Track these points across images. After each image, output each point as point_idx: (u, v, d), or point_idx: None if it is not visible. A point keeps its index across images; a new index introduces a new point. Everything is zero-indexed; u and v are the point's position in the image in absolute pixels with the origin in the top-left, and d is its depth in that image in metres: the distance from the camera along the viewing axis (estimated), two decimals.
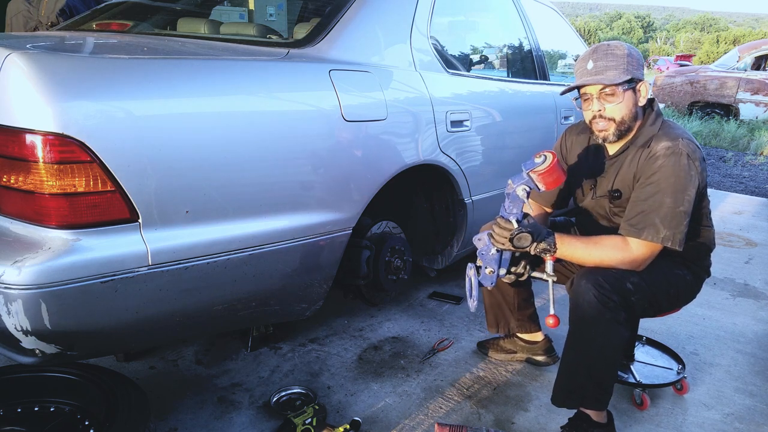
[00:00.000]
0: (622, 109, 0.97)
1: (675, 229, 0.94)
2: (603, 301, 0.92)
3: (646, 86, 0.98)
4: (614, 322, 0.93)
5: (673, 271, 1.04)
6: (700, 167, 0.97)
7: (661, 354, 1.32)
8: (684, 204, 0.94)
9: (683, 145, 0.95)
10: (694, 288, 1.10)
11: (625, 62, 0.95)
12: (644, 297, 0.98)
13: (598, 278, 0.93)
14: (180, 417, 1.09)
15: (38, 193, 0.79)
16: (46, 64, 0.78)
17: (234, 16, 1.99)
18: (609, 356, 0.96)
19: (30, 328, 0.77)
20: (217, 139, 0.91)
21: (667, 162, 0.94)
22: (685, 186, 0.94)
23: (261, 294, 1.05)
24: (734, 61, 6.33)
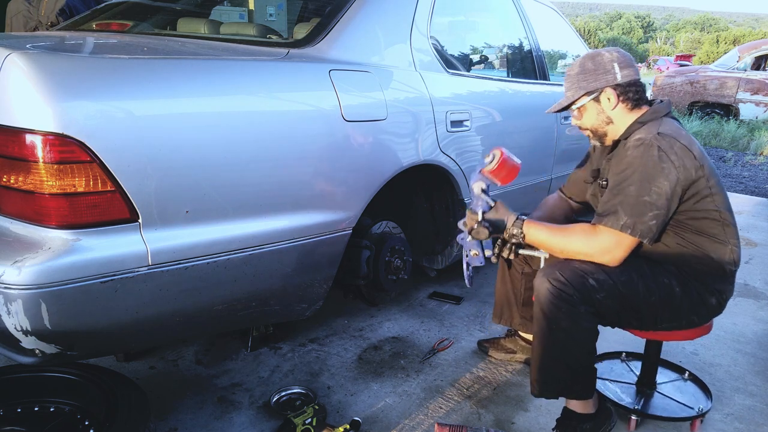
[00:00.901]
0: (590, 119, 1.04)
1: (637, 218, 0.91)
2: (557, 294, 0.94)
3: (607, 92, 1.00)
4: (572, 313, 0.94)
5: (658, 278, 0.97)
6: (680, 164, 0.91)
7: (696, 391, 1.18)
8: (650, 195, 0.91)
9: (656, 139, 0.93)
10: (689, 306, 0.99)
11: (576, 80, 1.02)
12: (613, 297, 0.94)
13: (555, 272, 0.95)
14: (180, 417, 1.09)
15: (38, 193, 0.79)
16: (46, 64, 0.78)
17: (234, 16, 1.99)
18: (574, 345, 0.96)
19: (30, 328, 0.77)
20: (217, 139, 0.91)
21: (635, 152, 0.94)
22: (652, 176, 0.91)
23: (261, 294, 1.05)
24: (734, 61, 6.33)
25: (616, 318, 1.00)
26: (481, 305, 1.67)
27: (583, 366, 0.98)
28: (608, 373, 1.24)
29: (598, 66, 1.00)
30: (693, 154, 0.94)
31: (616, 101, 1.00)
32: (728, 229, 0.99)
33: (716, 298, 1.00)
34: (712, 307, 1.01)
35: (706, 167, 0.96)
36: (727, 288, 1.02)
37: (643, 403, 1.14)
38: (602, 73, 1.00)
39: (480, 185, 1.01)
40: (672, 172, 0.92)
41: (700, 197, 0.96)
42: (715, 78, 6.23)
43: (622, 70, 0.99)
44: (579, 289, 0.94)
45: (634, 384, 1.18)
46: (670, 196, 0.92)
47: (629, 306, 0.97)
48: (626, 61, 1.01)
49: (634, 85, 1.00)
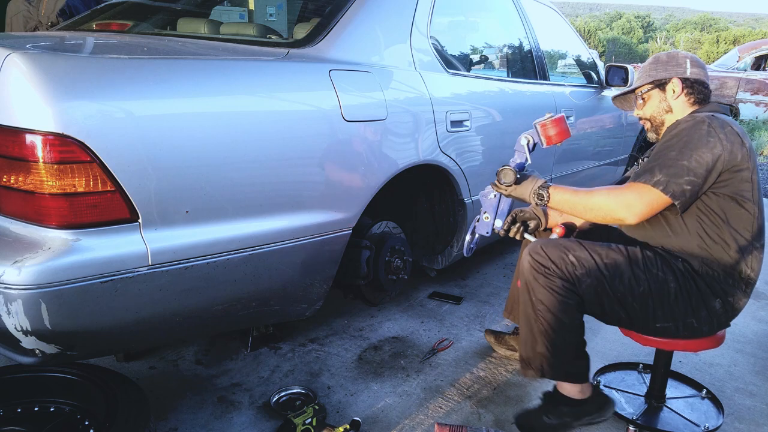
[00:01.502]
0: (651, 107, 1.06)
1: (672, 178, 0.90)
2: (535, 266, 0.96)
3: (674, 82, 1.03)
4: (549, 285, 0.95)
5: (651, 269, 0.94)
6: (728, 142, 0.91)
7: (710, 408, 1.13)
8: (690, 161, 0.90)
9: (708, 117, 0.94)
10: (686, 307, 0.95)
11: (648, 70, 1.06)
12: (592, 277, 0.93)
13: (537, 246, 0.98)
14: (180, 417, 1.09)
15: (38, 193, 0.79)
16: (46, 64, 0.78)
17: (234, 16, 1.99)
18: (553, 320, 0.95)
19: (30, 328, 0.77)
20: (218, 139, 0.91)
21: (683, 125, 0.95)
22: (696, 146, 0.91)
23: (261, 294, 1.05)
24: (734, 61, 6.33)
25: (599, 306, 0.96)
26: (481, 305, 1.67)
27: (565, 344, 0.96)
28: (618, 382, 1.22)
29: (671, 59, 1.04)
30: (744, 142, 0.94)
31: (680, 92, 1.02)
32: (756, 229, 0.95)
33: (721, 300, 0.95)
34: (715, 312, 0.96)
35: (753, 161, 0.95)
36: (735, 292, 0.96)
37: (645, 416, 1.10)
38: (673, 66, 1.03)
39: (527, 137, 1.00)
40: (717, 146, 0.91)
41: (739, 183, 0.93)
42: (715, 78, 6.23)
43: (692, 67, 1.02)
44: (557, 264, 0.94)
45: (643, 396, 1.15)
46: (710, 168, 0.91)
47: (612, 292, 0.94)
48: (700, 64, 1.05)
49: (701, 84, 1.03)
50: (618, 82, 2.20)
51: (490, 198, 1.04)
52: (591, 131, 2.13)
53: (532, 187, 0.98)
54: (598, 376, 1.23)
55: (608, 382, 1.22)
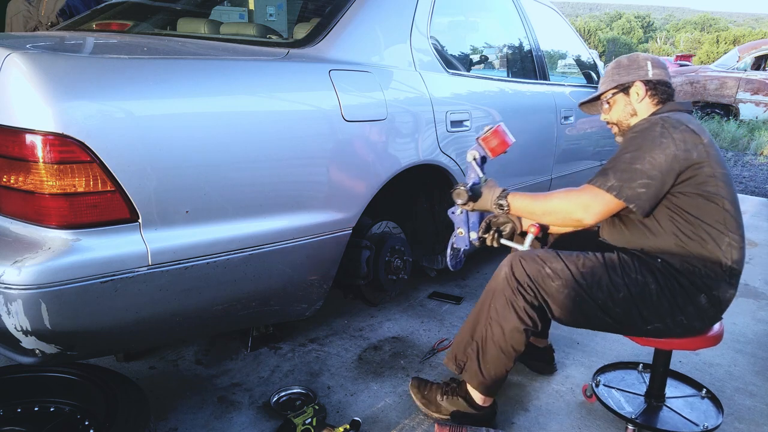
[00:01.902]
0: (617, 111, 1.08)
1: (625, 182, 0.91)
2: (508, 278, 0.98)
3: (637, 86, 1.04)
4: (511, 303, 0.97)
5: (630, 273, 0.94)
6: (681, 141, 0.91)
7: (709, 408, 1.12)
8: (643, 163, 0.91)
9: (661, 118, 0.96)
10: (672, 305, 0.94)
11: (611, 75, 1.07)
12: (569, 287, 0.94)
13: (516, 257, 1.00)
14: (180, 417, 1.09)
15: (38, 193, 0.79)
16: (46, 64, 0.78)
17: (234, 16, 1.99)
18: (494, 336, 0.98)
19: (30, 328, 0.77)
20: (218, 139, 0.91)
21: (637, 129, 0.97)
22: (649, 148, 0.92)
23: (261, 294, 1.05)
24: (734, 61, 6.33)
25: (582, 315, 0.96)
26: None
27: (495, 361, 0.99)
28: (618, 382, 1.22)
29: (632, 62, 1.05)
30: (701, 138, 0.94)
31: (644, 94, 1.04)
32: (729, 220, 0.95)
33: (706, 295, 0.95)
34: (702, 307, 0.95)
35: (713, 155, 0.94)
36: (719, 285, 0.95)
37: (644, 415, 1.09)
38: (635, 69, 1.04)
39: (473, 153, 1.05)
40: (670, 146, 0.92)
41: (702, 180, 0.93)
42: (715, 78, 6.23)
43: (654, 69, 1.04)
44: (533, 278, 0.96)
45: (643, 395, 1.15)
46: (665, 170, 0.92)
47: (592, 300, 0.95)
48: (660, 64, 1.05)
49: (663, 84, 1.04)
50: None
51: (457, 214, 1.07)
52: (591, 131, 2.13)
53: (491, 198, 1.01)
54: (597, 375, 1.23)
55: (608, 381, 1.23)
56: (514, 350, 0.99)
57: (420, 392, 1.10)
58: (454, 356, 1.05)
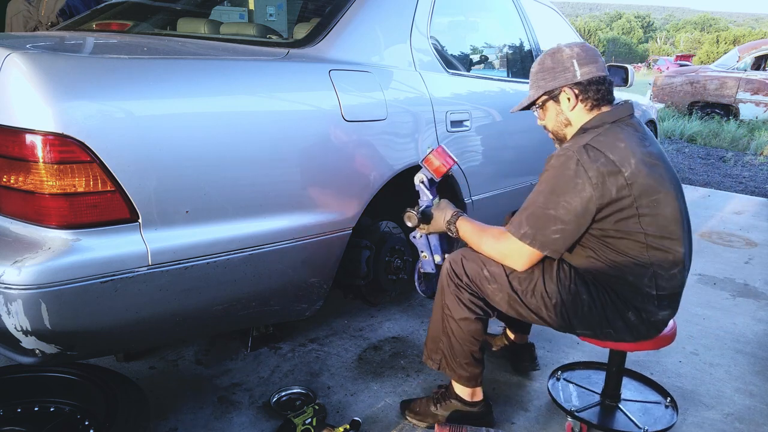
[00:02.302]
0: (549, 120, 1.01)
1: (538, 230, 0.89)
2: (451, 275, 1.00)
3: (566, 92, 0.95)
4: (457, 297, 0.99)
5: (565, 282, 0.93)
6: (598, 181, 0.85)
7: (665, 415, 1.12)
8: (557, 209, 0.87)
9: (578, 151, 0.87)
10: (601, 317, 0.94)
11: (536, 79, 0.99)
12: (503, 291, 0.95)
13: (459, 255, 1.00)
14: (180, 417, 1.08)
15: (38, 193, 0.78)
16: (46, 64, 0.78)
17: (234, 16, 1.98)
18: (453, 328, 1.00)
19: (30, 328, 0.77)
20: (217, 139, 0.91)
21: (554, 163, 0.90)
22: (563, 191, 0.87)
23: (261, 294, 1.05)
24: (734, 61, 6.33)
25: (517, 314, 0.98)
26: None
27: (462, 349, 1.00)
28: (581, 379, 1.23)
29: (556, 63, 0.94)
30: (622, 171, 0.86)
31: (575, 101, 0.94)
32: (653, 253, 0.90)
33: (634, 314, 0.93)
34: (632, 323, 0.94)
35: (639, 185, 0.87)
36: (650, 308, 0.93)
37: (588, 411, 1.11)
38: (561, 71, 0.94)
39: (420, 176, 1.06)
40: (586, 189, 0.86)
41: (621, 218, 0.88)
42: (715, 78, 6.23)
43: (582, 67, 0.93)
44: (471, 278, 0.98)
45: (599, 394, 1.16)
46: (581, 213, 0.87)
47: (524, 303, 0.96)
48: (588, 57, 0.94)
49: (595, 83, 0.93)
50: (618, 81, 2.19)
51: (418, 238, 1.09)
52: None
53: (443, 219, 1.02)
54: (561, 372, 1.24)
55: (569, 377, 1.23)
56: (474, 338, 1.00)
57: (412, 411, 1.09)
58: (429, 354, 1.07)
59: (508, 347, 1.35)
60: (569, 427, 1.06)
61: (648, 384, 1.23)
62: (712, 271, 2.07)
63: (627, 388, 1.18)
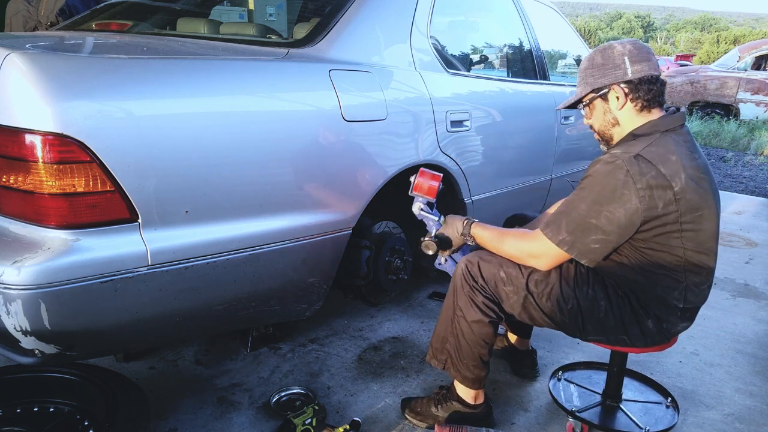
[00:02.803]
0: (597, 119, 0.96)
1: (578, 238, 0.86)
2: (466, 275, 0.98)
3: (615, 90, 0.91)
4: (471, 300, 0.97)
5: (582, 287, 0.91)
6: (646, 194, 0.82)
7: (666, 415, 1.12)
8: (599, 218, 0.84)
9: (628, 161, 0.83)
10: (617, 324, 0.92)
11: (585, 76, 0.95)
12: (518, 294, 0.93)
13: (474, 256, 0.99)
14: (180, 417, 1.08)
15: (38, 193, 0.78)
16: (45, 64, 0.77)
17: (234, 15, 1.98)
18: (464, 329, 0.99)
19: (29, 328, 0.77)
20: (217, 138, 0.91)
21: (600, 169, 0.86)
22: (608, 200, 0.83)
23: (261, 294, 1.04)
24: (734, 61, 6.33)
25: (529, 318, 0.97)
26: None
27: (471, 351, 0.99)
28: (582, 379, 1.23)
29: (607, 60, 0.91)
30: (672, 185, 0.83)
31: (624, 100, 0.90)
32: (689, 268, 0.88)
33: (654, 322, 0.92)
34: (649, 331, 0.92)
35: (686, 201, 0.85)
36: (671, 319, 0.92)
37: (590, 411, 1.10)
38: (611, 68, 0.90)
39: (417, 206, 1.08)
40: (632, 201, 0.83)
41: (664, 232, 0.86)
42: (716, 78, 6.23)
43: (633, 65, 0.89)
44: (487, 280, 0.97)
45: (600, 394, 1.15)
46: (624, 225, 0.84)
47: (539, 307, 0.94)
48: (640, 55, 0.89)
49: (647, 82, 0.89)
50: None
51: (444, 263, 1.10)
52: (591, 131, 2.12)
53: (457, 234, 1.02)
54: (562, 372, 1.23)
55: (570, 377, 1.23)
56: (484, 341, 0.99)
57: (412, 411, 1.09)
58: (434, 353, 1.05)
59: (509, 350, 1.34)
60: (570, 428, 1.05)
61: (649, 384, 1.23)
62: None
63: (628, 389, 1.18)
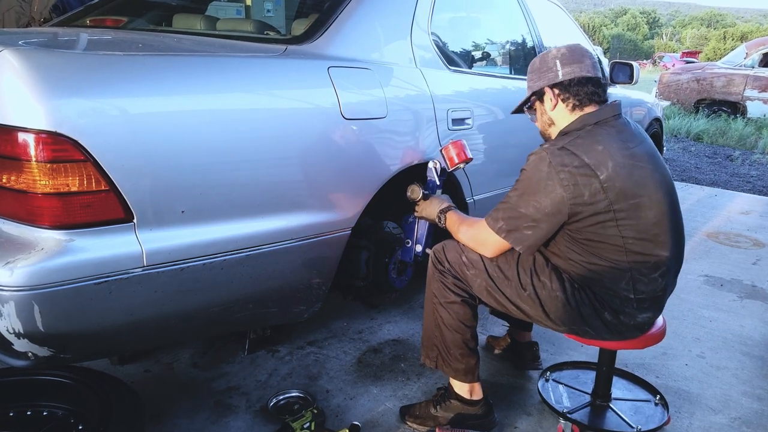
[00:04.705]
0: (538, 120, 1.04)
1: (512, 226, 0.92)
2: (434, 263, 1.04)
3: (548, 92, 0.97)
4: (442, 283, 1.01)
5: (540, 276, 0.94)
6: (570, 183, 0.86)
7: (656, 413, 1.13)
8: (528, 208, 0.90)
9: (552, 153, 0.89)
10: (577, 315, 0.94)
11: (528, 80, 1.02)
12: (481, 277, 0.98)
13: (441, 245, 1.04)
14: (176, 421, 1.07)
15: (31, 192, 0.77)
16: (38, 60, 0.76)
17: (231, 11, 1.97)
18: (443, 315, 1.01)
19: (22, 330, 0.76)
20: (214, 137, 0.89)
21: (529, 162, 0.93)
22: (535, 191, 0.89)
23: (258, 295, 1.03)
24: (741, 58, 6.26)
25: (496, 303, 1.00)
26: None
27: (453, 339, 1.01)
28: (570, 379, 1.22)
29: (542, 64, 0.98)
30: (597, 174, 0.86)
31: (555, 101, 0.97)
32: (632, 256, 0.89)
33: (611, 314, 0.94)
34: (610, 323, 0.94)
35: (616, 189, 0.87)
36: (628, 311, 0.93)
37: (581, 412, 1.10)
38: (545, 72, 0.97)
39: (434, 162, 1.13)
40: (557, 190, 0.87)
41: (598, 221, 0.88)
42: (722, 75, 6.16)
43: (564, 68, 0.94)
44: (452, 263, 1.01)
45: (589, 394, 1.15)
46: (552, 213, 0.89)
47: (501, 290, 0.98)
48: (572, 58, 0.95)
49: (577, 83, 0.94)
50: (623, 79, 2.16)
51: (409, 221, 1.14)
52: None
53: (438, 208, 1.07)
54: (550, 373, 1.22)
55: (558, 377, 1.22)
56: (464, 324, 1.01)
57: (412, 416, 1.09)
58: (426, 353, 1.07)
59: (511, 346, 1.33)
60: (560, 430, 1.04)
61: (636, 382, 1.22)
62: (719, 272, 2.04)
63: (616, 387, 1.18)
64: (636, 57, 35.07)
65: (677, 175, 3.88)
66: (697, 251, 2.25)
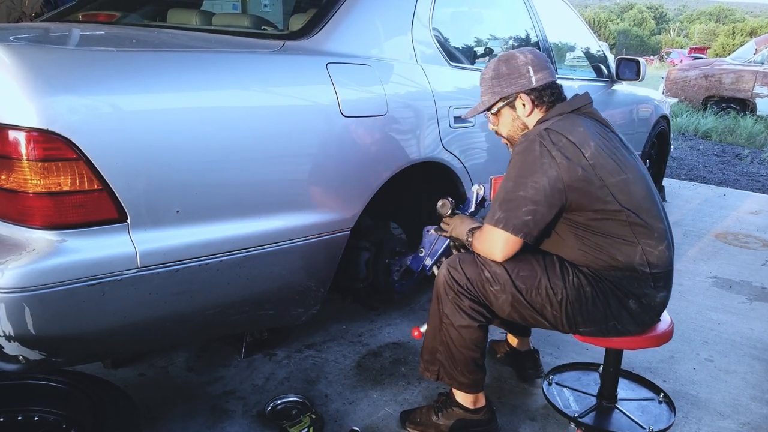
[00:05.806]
0: (505, 126, 1.04)
1: (510, 212, 0.90)
2: (449, 281, 0.98)
3: (522, 98, 0.99)
4: (457, 305, 0.97)
5: (568, 276, 0.93)
6: (563, 160, 0.88)
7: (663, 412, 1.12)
8: (526, 189, 0.89)
9: (540, 135, 0.91)
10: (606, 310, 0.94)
11: (491, 85, 1.01)
12: (507, 292, 0.94)
13: (456, 260, 0.99)
14: (171, 426, 1.06)
15: (22, 192, 0.76)
16: (29, 56, 0.75)
17: (227, 6, 1.95)
18: (454, 336, 0.98)
19: (13, 333, 0.75)
20: (210, 135, 0.88)
21: (518, 149, 0.93)
22: (531, 171, 0.89)
23: (255, 297, 1.02)
24: (751, 54, 6.17)
25: (520, 317, 0.97)
26: None
27: (463, 357, 0.99)
28: (572, 381, 1.20)
29: (512, 70, 0.99)
30: (582, 152, 0.90)
31: (531, 107, 0.99)
32: (638, 230, 0.92)
33: (635, 301, 0.94)
34: (634, 312, 0.95)
35: (602, 166, 0.90)
36: (647, 292, 0.94)
37: (590, 414, 1.08)
38: (516, 77, 0.98)
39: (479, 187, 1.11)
40: (552, 167, 0.89)
41: (597, 197, 0.90)
42: (731, 71, 6.07)
43: (536, 74, 0.98)
44: (472, 281, 0.96)
45: (595, 396, 1.13)
46: (550, 192, 0.89)
47: (529, 304, 0.95)
48: (541, 64, 0.99)
49: (548, 88, 0.99)
50: (629, 75, 2.13)
51: (430, 233, 1.11)
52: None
53: (469, 226, 1.03)
54: (552, 376, 1.21)
55: (561, 380, 1.21)
56: (476, 346, 0.99)
57: (412, 423, 1.07)
58: (426, 365, 1.04)
59: (511, 354, 1.32)
60: None
61: (638, 381, 1.21)
62: (727, 273, 2.00)
63: (619, 387, 1.16)
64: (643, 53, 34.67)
65: (685, 174, 3.83)
66: (705, 252, 2.21)
